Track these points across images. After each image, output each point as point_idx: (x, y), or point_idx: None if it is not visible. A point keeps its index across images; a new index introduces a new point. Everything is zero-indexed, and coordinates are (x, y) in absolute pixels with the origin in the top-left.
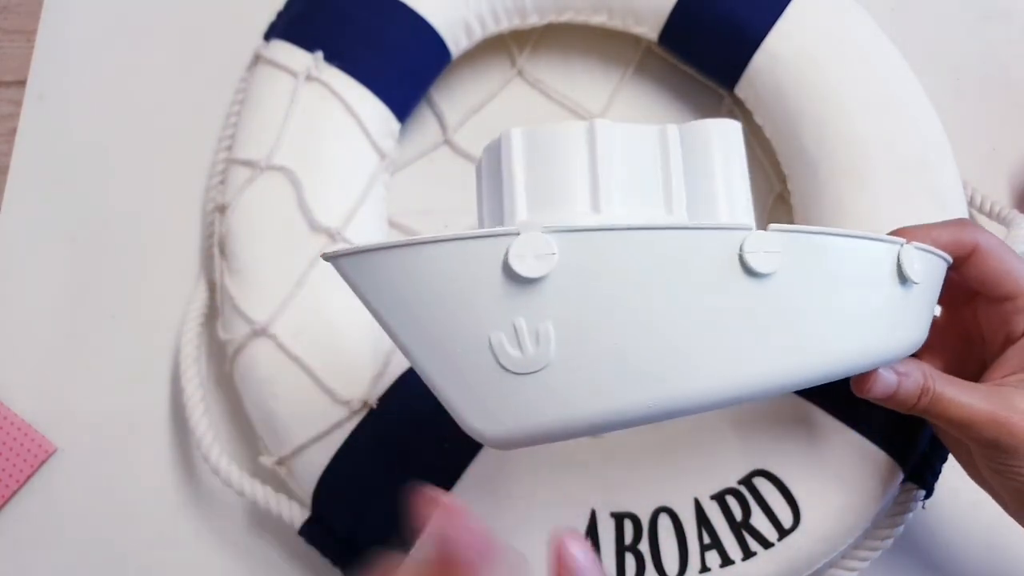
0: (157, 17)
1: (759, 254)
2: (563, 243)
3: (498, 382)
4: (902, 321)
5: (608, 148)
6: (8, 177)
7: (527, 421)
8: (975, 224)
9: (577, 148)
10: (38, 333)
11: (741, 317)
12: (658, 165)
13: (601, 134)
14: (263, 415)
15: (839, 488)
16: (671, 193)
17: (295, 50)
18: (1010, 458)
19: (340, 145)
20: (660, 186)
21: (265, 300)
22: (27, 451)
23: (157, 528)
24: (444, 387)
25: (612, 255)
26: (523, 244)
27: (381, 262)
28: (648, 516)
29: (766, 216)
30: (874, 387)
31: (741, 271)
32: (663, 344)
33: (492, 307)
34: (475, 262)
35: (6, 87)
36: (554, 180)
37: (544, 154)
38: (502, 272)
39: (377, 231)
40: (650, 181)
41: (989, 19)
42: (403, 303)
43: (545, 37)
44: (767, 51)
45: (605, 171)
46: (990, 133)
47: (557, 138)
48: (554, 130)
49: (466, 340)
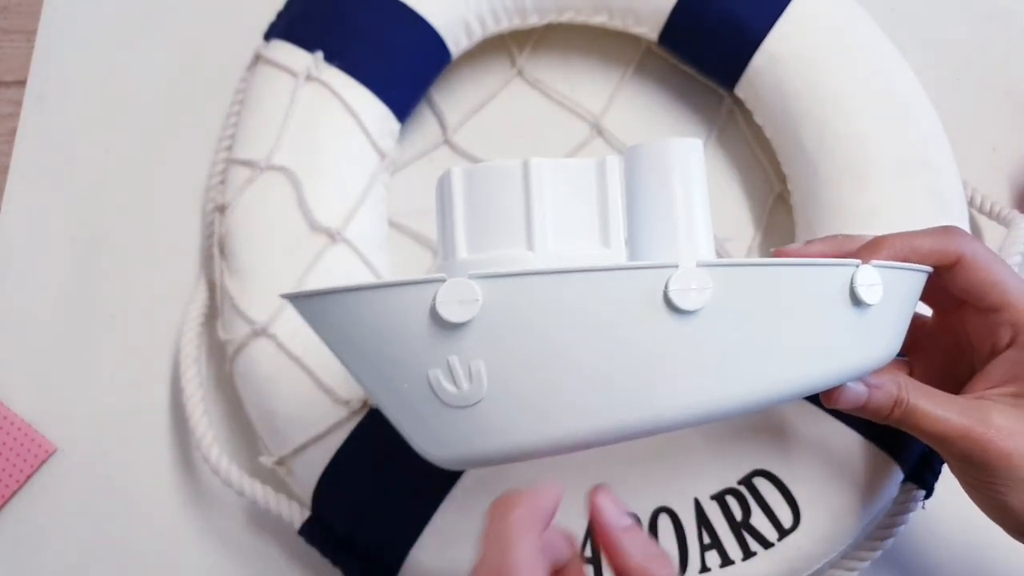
0: (157, 17)
1: (686, 292)
2: (488, 287)
3: (439, 415)
4: (861, 342)
5: (541, 186)
6: (8, 177)
7: (469, 449)
8: (961, 232)
9: (512, 187)
10: (38, 333)
11: (670, 352)
12: (594, 199)
13: (535, 172)
14: (263, 415)
15: (839, 488)
16: (608, 226)
17: (295, 50)
18: (983, 474)
19: (340, 145)
20: (597, 220)
21: (265, 300)
22: (27, 451)
23: (157, 528)
24: (394, 417)
25: (537, 296)
26: (448, 291)
27: (328, 305)
28: (648, 516)
29: (766, 216)
30: (840, 399)
31: (666, 309)
32: (591, 379)
33: (427, 347)
34: (407, 307)
35: (6, 87)
36: (490, 219)
37: (482, 193)
38: (430, 316)
39: (377, 231)
40: (587, 216)
41: (989, 19)
42: (351, 342)
43: (545, 37)
44: (767, 51)
45: (538, 209)
46: (990, 133)
47: (493, 177)
48: (489, 169)
49: (408, 376)
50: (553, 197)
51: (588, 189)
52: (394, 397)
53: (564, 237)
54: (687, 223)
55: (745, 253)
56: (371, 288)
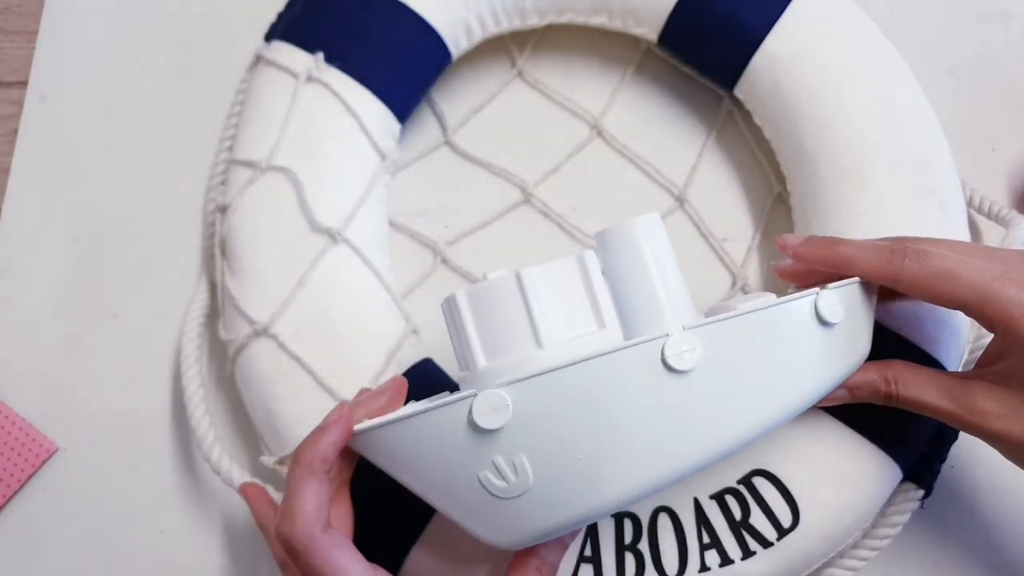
0: (158, 18)
1: (680, 355)
2: (514, 392)
3: (496, 508)
4: (835, 354)
5: (535, 290)
6: (9, 177)
7: (525, 531)
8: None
9: (511, 297)
10: (39, 333)
11: (677, 408)
12: (583, 290)
13: (527, 280)
14: (264, 415)
15: (838, 488)
16: (600, 311)
17: (296, 51)
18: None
19: (341, 146)
20: (589, 307)
21: (266, 300)
22: (28, 450)
23: (158, 528)
24: (458, 516)
25: (557, 388)
26: (481, 403)
27: (378, 438)
28: (648, 515)
29: (765, 216)
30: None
31: (666, 372)
32: (618, 446)
33: (472, 453)
34: (448, 424)
35: (7, 88)
36: (499, 329)
37: (486, 309)
38: (469, 427)
39: (377, 231)
40: (579, 305)
41: (988, 19)
42: (407, 463)
43: (545, 38)
44: (767, 52)
45: (538, 311)
46: (989, 133)
47: (492, 293)
48: (488, 287)
49: (461, 482)
50: (547, 297)
51: (575, 283)
52: (454, 502)
53: (565, 329)
54: (666, 292)
55: (745, 253)
56: (416, 414)
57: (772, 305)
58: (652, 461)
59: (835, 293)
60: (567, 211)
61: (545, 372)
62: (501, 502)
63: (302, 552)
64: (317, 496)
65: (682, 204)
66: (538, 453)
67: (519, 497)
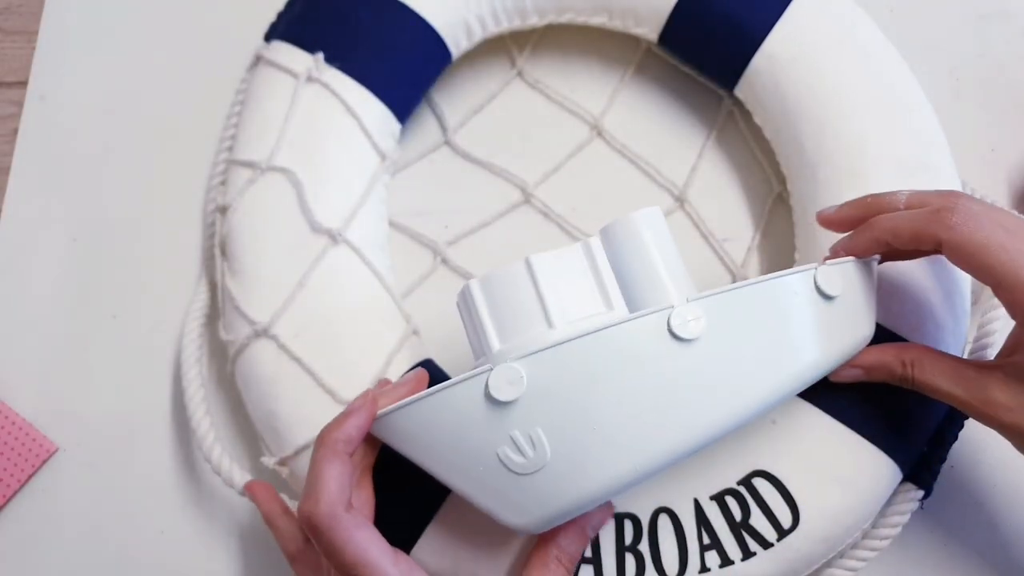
0: (157, 18)
1: (685, 324)
2: (528, 365)
3: (516, 484)
4: (837, 328)
5: (545, 274)
6: (9, 177)
7: (547, 508)
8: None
9: (522, 282)
10: (39, 333)
11: (684, 376)
12: (590, 274)
13: (536, 265)
14: (264, 415)
15: (838, 489)
16: (607, 293)
17: (296, 51)
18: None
19: (341, 146)
20: (596, 290)
21: (266, 301)
22: (28, 451)
23: (158, 528)
24: (478, 497)
25: (570, 360)
26: (497, 376)
27: (399, 420)
28: (648, 516)
29: (765, 216)
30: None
31: (673, 341)
32: (632, 419)
33: (490, 429)
34: (466, 400)
35: (7, 88)
36: (511, 312)
37: (499, 294)
38: (487, 402)
39: (378, 232)
40: (587, 289)
41: (988, 19)
42: (427, 446)
43: (545, 38)
44: (767, 52)
45: (548, 293)
46: (989, 133)
47: (505, 279)
48: (501, 274)
49: (481, 459)
50: (556, 280)
51: (582, 268)
52: (475, 482)
53: (575, 310)
54: (669, 272)
55: (745, 253)
56: (436, 391)
57: (773, 277)
58: (662, 431)
59: (834, 268)
60: (567, 211)
61: (558, 343)
62: (520, 478)
63: (325, 531)
64: (340, 476)
65: (682, 204)
66: (554, 426)
67: (537, 472)
